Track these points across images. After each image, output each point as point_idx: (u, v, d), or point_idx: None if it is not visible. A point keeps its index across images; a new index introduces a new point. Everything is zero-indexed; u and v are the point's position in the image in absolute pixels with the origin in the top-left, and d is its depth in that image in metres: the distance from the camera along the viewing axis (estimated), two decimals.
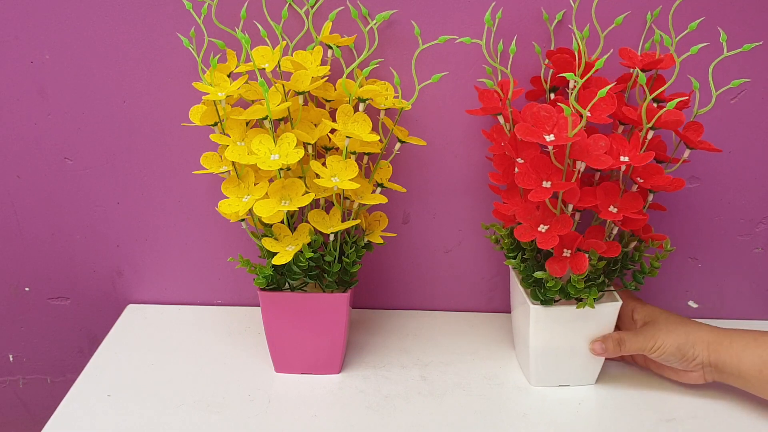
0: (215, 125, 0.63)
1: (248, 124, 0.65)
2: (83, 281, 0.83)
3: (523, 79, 0.69)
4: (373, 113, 0.66)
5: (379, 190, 0.67)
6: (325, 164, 0.62)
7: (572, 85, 0.64)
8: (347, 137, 0.61)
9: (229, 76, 0.66)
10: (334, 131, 0.65)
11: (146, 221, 0.79)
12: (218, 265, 0.81)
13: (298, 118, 0.64)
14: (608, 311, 0.65)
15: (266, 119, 0.60)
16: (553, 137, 0.56)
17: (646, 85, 0.59)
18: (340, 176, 0.61)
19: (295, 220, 0.66)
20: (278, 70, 0.65)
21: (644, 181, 0.60)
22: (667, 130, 0.60)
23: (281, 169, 0.61)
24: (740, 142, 0.72)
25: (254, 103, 0.64)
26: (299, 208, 0.62)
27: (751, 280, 0.79)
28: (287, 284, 0.68)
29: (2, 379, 0.91)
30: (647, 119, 0.58)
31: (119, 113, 0.74)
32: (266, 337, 0.70)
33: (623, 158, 0.58)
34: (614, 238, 0.64)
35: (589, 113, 0.58)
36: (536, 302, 0.65)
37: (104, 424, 0.65)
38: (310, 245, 0.63)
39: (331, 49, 0.67)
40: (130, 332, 0.79)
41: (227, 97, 0.61)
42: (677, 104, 0.57)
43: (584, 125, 0.56)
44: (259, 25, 0.63)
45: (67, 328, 0.87)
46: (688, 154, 0.62)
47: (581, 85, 0.63)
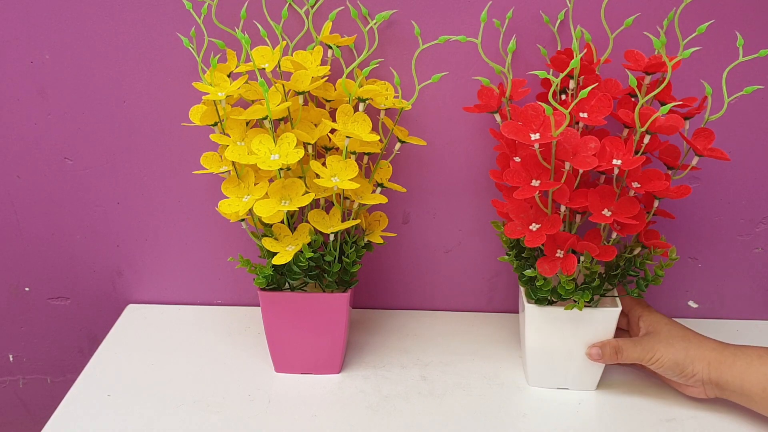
0: (215, 125, 0.63)
1: (248, 124, 0.65)
2: (83, 281, 0.83)
3: (535, 79, 0.69)
4: (373, 113, 0.66)
5: (379, 190, 0.67)
6: (325, 164, 0.62)
7: (571, 86, 0.64)
8: (347, 137, 0.61)
9: (229, 76, 0.66)
10: (334, 131, 0.65)
11: (146, 221, 0.79)
12: (218, 265, 0.81)
13: (298, 118, 0.64)
14: (604, 317, 0.65)
15: (266, 119, 0.60)
16: (538, 136, 0.56)
17: (637, 87, 0.59)
18: (340, 176, 0.61)
19: (295, 220, 0.65)
20: (278, 70, 0.65)
21: (641, 185, 0.59)
22: (669, 135, 0.60)
23: (281, 169, 0.61)
24: (740, 142, 0.72)
25: (254, 103, 0.64)
26: (299, 208, 0.62)
27: (751, 280, 0.79)
28: (287, 284, 0.68)
29: (2, 379, 0.91)
30: (641, 123, 0.57)
31: (119, 113, 0.74)
32: (266, 337, 0.70)
33: (615, 161, 0.58)
34: (615, 243, 0.63)
35: (584, 114, 0.58)
36: (531, 301, 0.65)
37: (104, 424, 0.65)
38: (310, 245, 0.63)
39: (331, 49, 0.67)
40: (130, 332, 0.79)
41: (227, 97, 0.61)
42: (688, 111, 0.56)
43: (567, 125, 0.55)
44: (259, 25, 0.63)
45: (67, 328, 0.87)
46: (696, 161, 0.61)
47: (580, 86, 0.63)
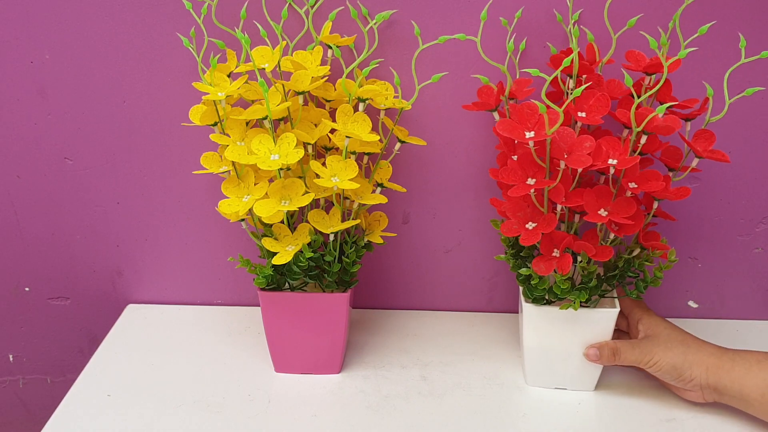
0: (215, 125, 0.63)
1: (248, 124, 0.65)
2: (83, 281, 0.83)
3: (540, 78, 0.68)
4: (373, 113, 0.66)
5: (379, 190, 0.67)
6: (325, 164, 0.62)
7: (570, 85, 0.64)
8: (347, 137, 0.61)
9: (229, 76, 0.66)
10: (334, 131, 0.65)
11: (146, 221, 0.79)
12: (218, 265, 0.81)
13: (298, 118, 0.64)
14: (601, 317, 0.65)
15: (266, 119, 0.60)
16: (533, 134, 0.56)
17: (637, 87, 0.59)
18: (340, 176, 0.61)
19: (295, 220, 0.65)
20: (278, 70, 0.65)
21: (638, 186, 0.59)
22: (666, 135, 0.60)
23: (281, 169, 0.61)
24: (740, 142, 0.72)
25: (254, 103, 0.64)
26: (299, 208, 0.62)
27: (751, 280, 0.79)
28: (287, 284, 0.68)
29: (2, 379, 0.91)
30: (637, 123, 0.57)
31: (119, 113, 0.74)
32: (266, 337, 0.70)
33: (611, 161, 0.58)
34: (614, 244, 0.63)
35: (582, 113, 0.57)
36: (529, 300, 0.65)
37: (104, 424, 0.65)
38: (310, 245, 0.63)
39: (331, 49, 0.67)
40: (130, 332, 0.79)
41: (227, 97, 0.61)
42: (689, 112, 0.56)
43: (561, 124, 0.55)
44: (259, 25, 0.63)
45: (67, 328, 0.87)
46: (696, 162, 0.61)
47: (577, 85, 0.63)
